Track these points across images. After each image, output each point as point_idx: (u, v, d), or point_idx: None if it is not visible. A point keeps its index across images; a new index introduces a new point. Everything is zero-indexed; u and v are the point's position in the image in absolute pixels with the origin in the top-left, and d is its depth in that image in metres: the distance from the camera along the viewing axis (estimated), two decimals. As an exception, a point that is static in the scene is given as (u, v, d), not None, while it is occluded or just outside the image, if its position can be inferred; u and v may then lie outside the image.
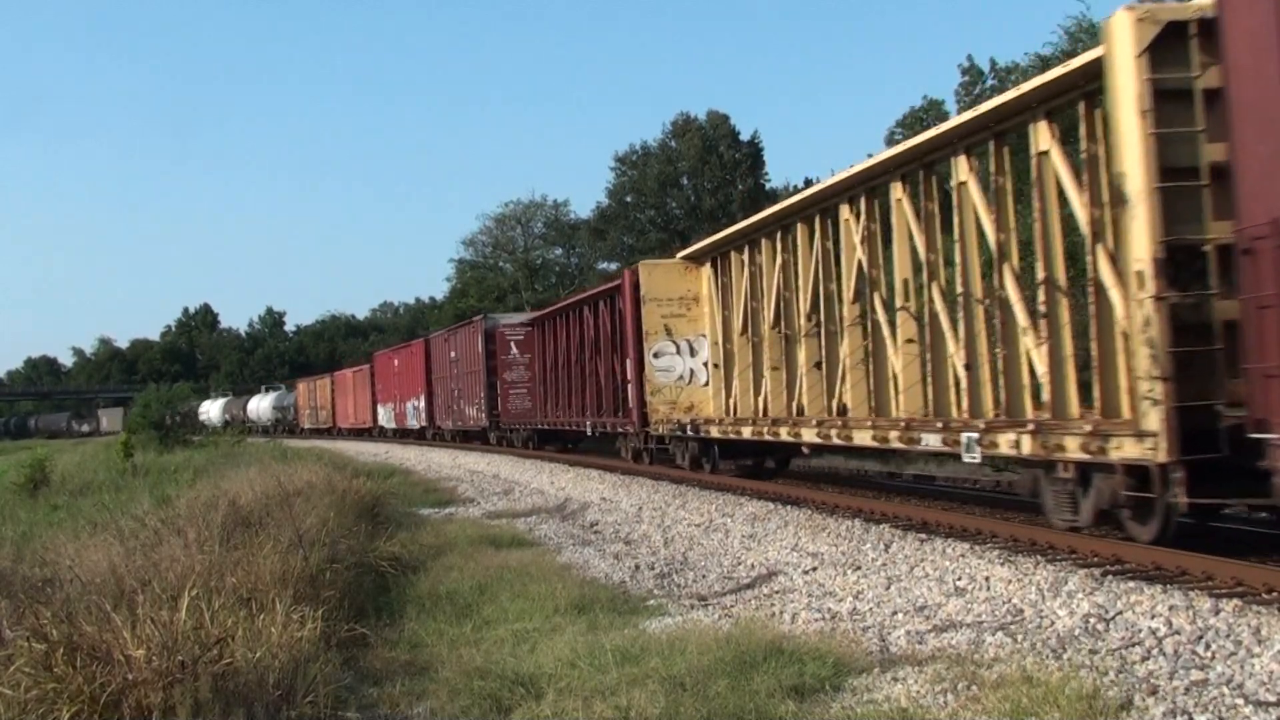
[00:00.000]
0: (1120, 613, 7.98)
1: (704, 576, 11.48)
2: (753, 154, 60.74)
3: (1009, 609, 8.58)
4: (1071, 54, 10.85)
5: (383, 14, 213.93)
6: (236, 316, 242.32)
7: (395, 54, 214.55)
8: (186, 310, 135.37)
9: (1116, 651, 7.15)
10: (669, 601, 10.09)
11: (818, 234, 16.25)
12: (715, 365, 20.47)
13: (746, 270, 18.74)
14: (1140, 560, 9.43)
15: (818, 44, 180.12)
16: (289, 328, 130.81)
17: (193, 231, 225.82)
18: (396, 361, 50.97)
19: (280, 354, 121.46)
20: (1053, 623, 8.07)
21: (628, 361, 22.56)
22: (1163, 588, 8.41)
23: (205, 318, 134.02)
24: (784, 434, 16.54)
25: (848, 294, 15.42)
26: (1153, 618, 7.73)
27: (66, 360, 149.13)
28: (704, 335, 21.02)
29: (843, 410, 15.55)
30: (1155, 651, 7.06)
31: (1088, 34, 25.72)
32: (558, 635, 8.50)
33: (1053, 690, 6.25)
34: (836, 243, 15.75)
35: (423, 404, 45.39)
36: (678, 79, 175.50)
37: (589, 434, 26.43)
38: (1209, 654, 6.89)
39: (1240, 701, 6.02)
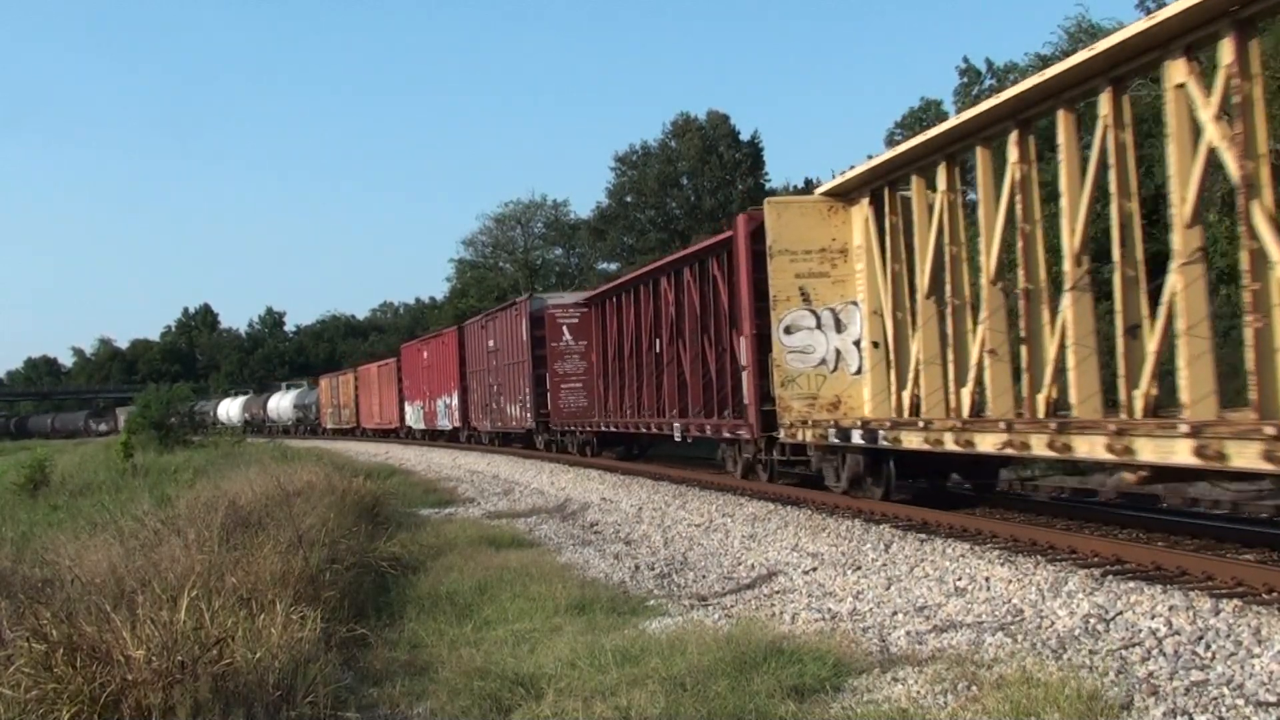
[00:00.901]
0: (1120, 613, 7.98)
1: (704, 577, 11.48)
2: (753, 154, 60.68)
3: (1009, 609, 8.58)
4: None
5: (382, 14, 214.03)
6: (236, 316, 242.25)
7: (395, 54, 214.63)
8: (186, 310, 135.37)
9: (1117, 652, 7.15)
10: (669, 602, 10.09)
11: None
12: (875, 344, 14.95)
13: (941, 201, 12.95)
14: (1140, 560, 9.43)
15: (817, 44, 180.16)
16: (289, 328, 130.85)
17: (193, 231, 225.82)
18: (425, 354, 45.46)
19: (280, 354, 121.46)
20: (1053, 623, 8.07)
21: (741, 342, 16.82)
22: (1163, 588, 8.41)
23: (205, 318, 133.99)
24: (1040, 446, 10.29)
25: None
26: (1153, 618, 7.73)
27: (66, 360, 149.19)
28: (856, 302, 15.38)
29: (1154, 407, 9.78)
30: (1155, 652, 7.06)
31: (1087, 34, 25.74)
32: (558, 635, 8.50)
33: (1053, 691, 6.25)
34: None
35: (455, 402, 40.22)
36: (678, 79, 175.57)
37: (678, 439, 20.69)
38: (1209, 654, 6.89)
39: (1240, 702, 6.02)
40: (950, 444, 11.85)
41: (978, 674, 6.85)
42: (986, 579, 9.46)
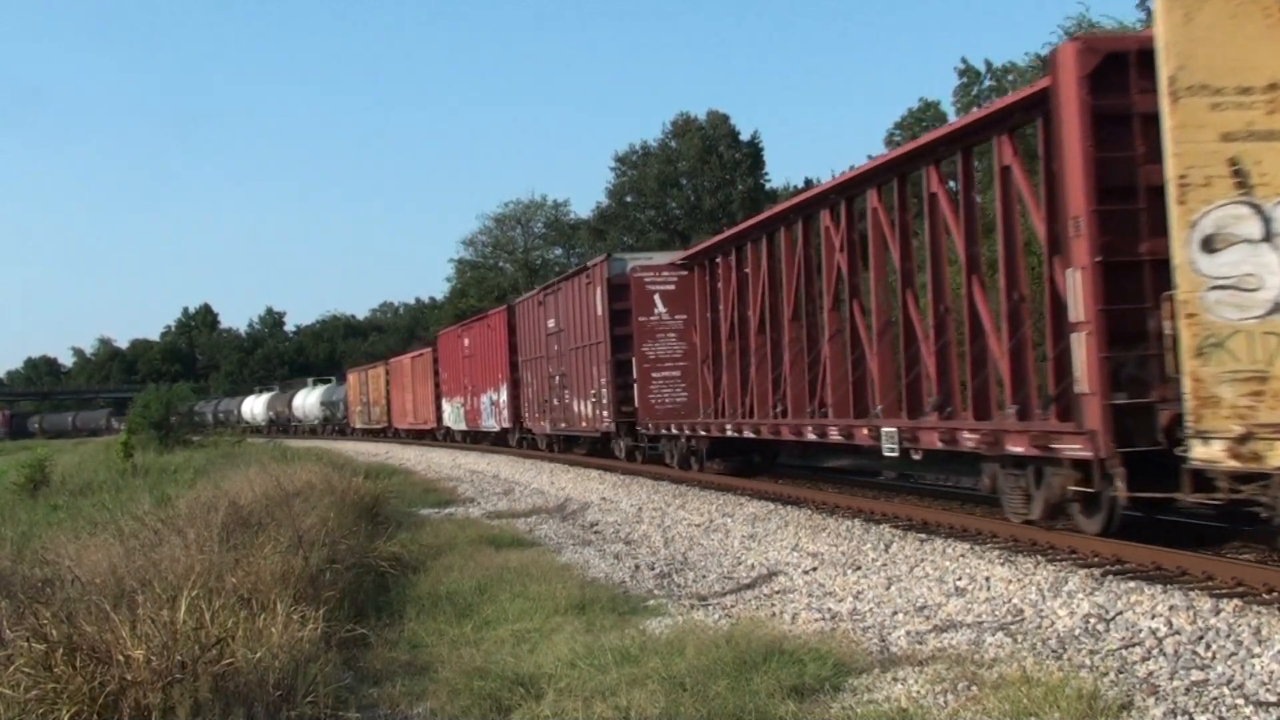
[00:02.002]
0: (1120, 613, 7.98)
1: (704, 576, 11.48)
2: (753, 154, 60.69)
3: (1009, 609, 8.58)
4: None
5: (382, 14, 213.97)
6: (236, 316, 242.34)
7: (395, 54, 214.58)
8: (186, 310, 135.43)
9: (1117, 652, 7.15)
10: (669, 601, 10.09)
11: None
12: None
13: None
14: (1140, 560, 9.43)
15: (817, 44, 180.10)
16: (289, 328, 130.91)
17: (193, 231, 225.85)
18: (466, 341, 38.45)
19: (280, 354, 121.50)
20: (1053, 623, 8.07)
21: (1069, 278, 9.89)
22: (1163, 588, 8.41)
23: (205, 318, 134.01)
24: None
25: None
26: (1153, 618, 7.73)
27: (66, 360, 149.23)
28: None
29: None
30: (1155, 652, 7.06)
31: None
32: (558, 635, 8.49)
33: (1053, 690, 6.25)
34: None
35: (503, 398, 33.23)
36: (678, 79, 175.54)
37: (891, 452, 13.39)
38: (1209, 654, 6.89)
39: (1241, 702, 6.02)
40: None
41: (978, 674, 6.85)
42: (987, 579, 9.47)
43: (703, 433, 19.70)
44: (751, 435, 17.64)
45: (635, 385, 21.81)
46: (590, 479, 22.70)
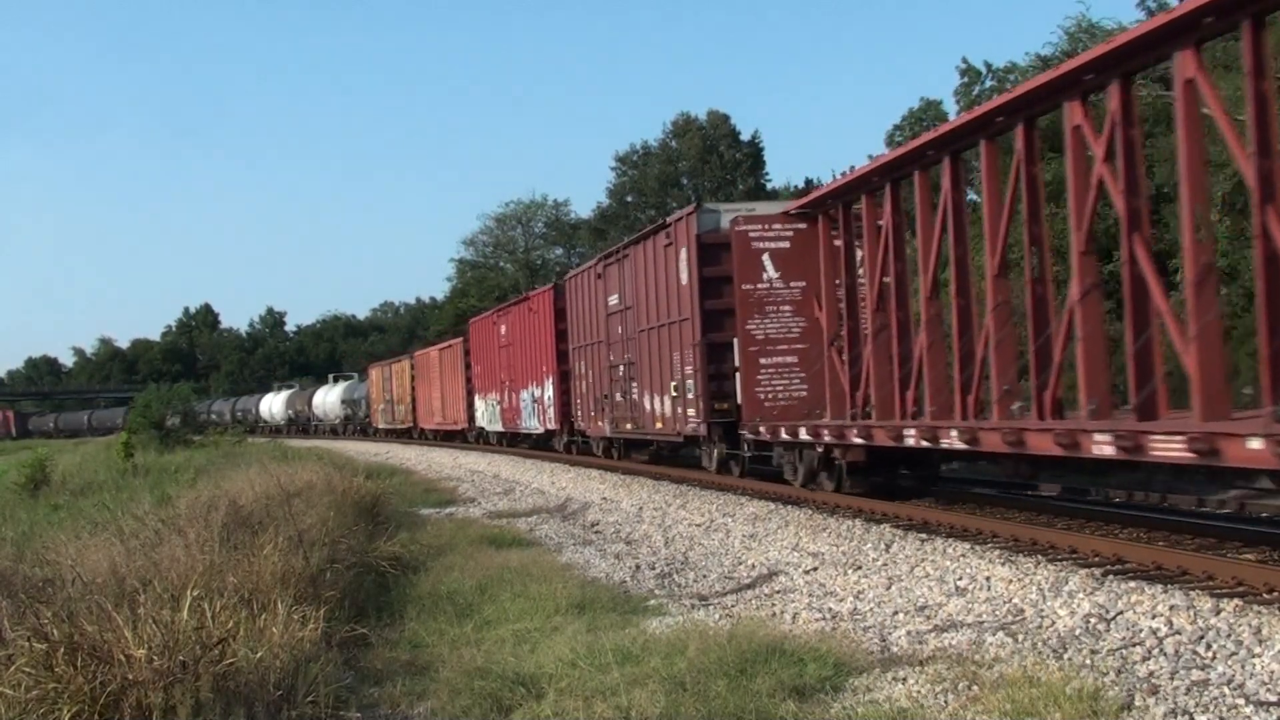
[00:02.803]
0: (1121, 612, 7.98)
1: (705, 576, 11.48)
2: (753, 154, 60.77)
3: (1010, 609, 8.58)
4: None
5: (383, 14, 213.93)
6: (237, 316, 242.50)
7: (395, 54, 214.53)
8: (187, 310, 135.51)
9: (1117, 651, 7.15)
10: (670, 601, 10.09)
11: None
12: None
13: None
14: (1141, 560, 9.43)
15: (818, 44, 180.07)
16: (289, 328, 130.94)
17: (193, 231, 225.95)
18: (504, 328, 33.19)
19: (280, 354, 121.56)
20: (1054, 622, 8.07)
21: None
22: (1163, 587, 8.41)
23: (206, 318, 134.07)
24: None
25: None
26: (1153, 617, 7.73)
27: (67, 360, 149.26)
28: None
29: None
30: (1156, 651, 7.06)
31: (1088, 34, 25.70)
32: (558, 635, 8.49)
33: (1054, 690, 6.25)
34: None
35: (549, 393, 28.24)
36: (678, 79, 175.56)
37: None
38: (1210, 654, 6.89)
39: (1241, 702, 6.02)
40: None
41: (978, 673, 6.85)
42: (987, 578, 9.47)
43: (857, 440, 13.89)
44: (926, 443, 12.34)
45: (737, 375, 17.00)
46: (591, 479, 22.70)
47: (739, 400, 17.00)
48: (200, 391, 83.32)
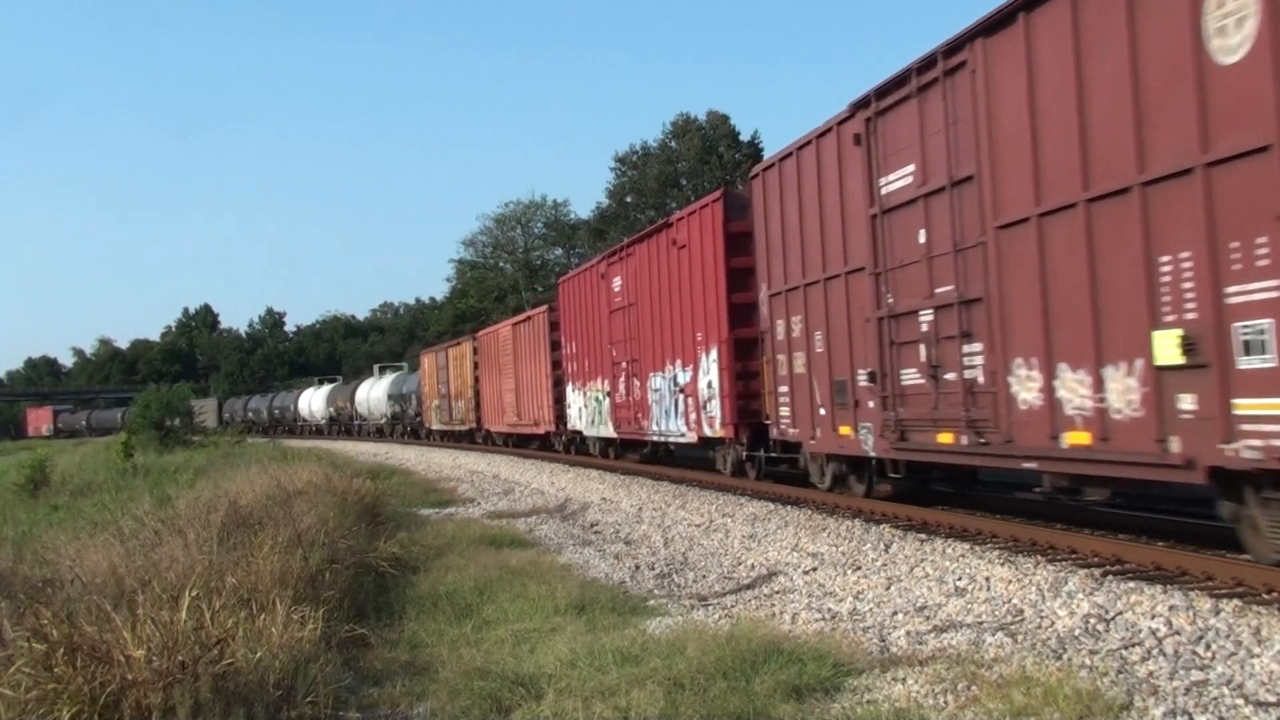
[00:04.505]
0: (1120, 613, 7.98)
1: (704, 577, 11.48)
2: (753, 154, 60.71)
3: (1009, 609, 8.58)
4: None
5: (383, 14, 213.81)
6: (236, 317, 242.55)
7: (395, 54, 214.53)
8: (186, 311, 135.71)
9: (1117, 652, 7.15)
10: (669, 602, 10.09)
11: None
12: None
13: None
14: (1140, 560, 9.43)
15: (818, 44, 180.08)
16: (289, 328, 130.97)
17: (193, 231, 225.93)
18: (618, 281, 22.80)
19: (280, 354, 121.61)
20: (1053, 623, 8.07)
21: None
22: (1163, 588, 8.41)
23: (205, 318, 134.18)
24: None
25: None
26: (1153, 618, 7.73)
27: (66, 360, 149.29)
28: None
29: None
30: (1155, 652, 7.06)
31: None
32: (558, 635, 8.50)
33: (1053, 690, 6.25)
34: None
35: (710, 377, 18.01)
36: (678, 79, 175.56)
37: None
38: (1209, 654, 6.89)
39: (1240, 702, 6.02)
40: None
41: (978, 674, 6.85)
42: (987, 579, 9.46)
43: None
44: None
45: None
46: (590, 479, 22.69)
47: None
48: (200, 392, 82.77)
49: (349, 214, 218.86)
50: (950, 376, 11.38)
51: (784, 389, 15.63)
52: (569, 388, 27.40)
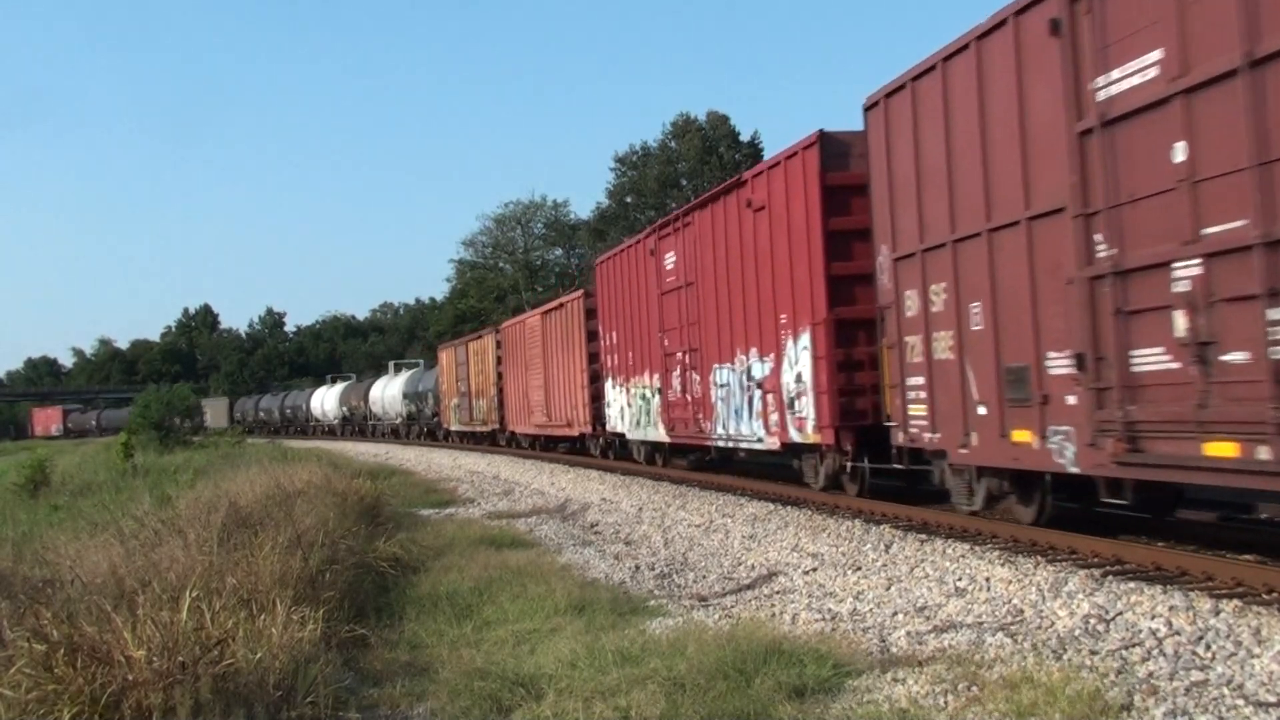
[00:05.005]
0: (1120, 613, 7.98)
1: (704, 577, 11.48)
2: (753, 154, 60.72)
3: (1009, 609, 8.58)
4: None
5: (382, 14, 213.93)
6: (236, 317, 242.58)
7: (395, 54, 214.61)
8: (186, 311, 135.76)
9: (1117, 652, 7.15)
10: (669, 602, 10.09)
11: None
12: None
13: None
14: (1140, 561, 9.43)
15: (818, 44, 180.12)
16: (289, 328, 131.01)
17: (193, 231, 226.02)
18: (671, 257, 19.43)
19: (280, 354, 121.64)
20: (1053, 623, 8.07)
21: None
22: (1163, 588, 8.41)
23: (205, 318, 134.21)
24: None
25: None
26: (1153, 618, 7.73)
27: (66, 360, 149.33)
28: None
29: None
30: (1155, 652, 7.06)
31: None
32: (558, 636, 8.50)
33: (1053, 691, 6.25)
34: None
35: (800, 369, 14.50)
36: (678, 79, 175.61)
37: None
38: (1209, 654, 6.89)
39: (1241, 702, 6.02)
40: None
41: (978, 674, 6.85)
42: (987, 579, 9.46)
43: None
44: None
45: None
46: (590, 479, 22.68)
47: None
48: (200, 392, 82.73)
49: (349, 214, 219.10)
50: (1235, 358, 7.77)
51: (916, 380, 12.09)
52: (608, 384, 24.21)
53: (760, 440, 16.19)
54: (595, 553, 13.52)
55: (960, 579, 9.65)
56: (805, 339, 14.47)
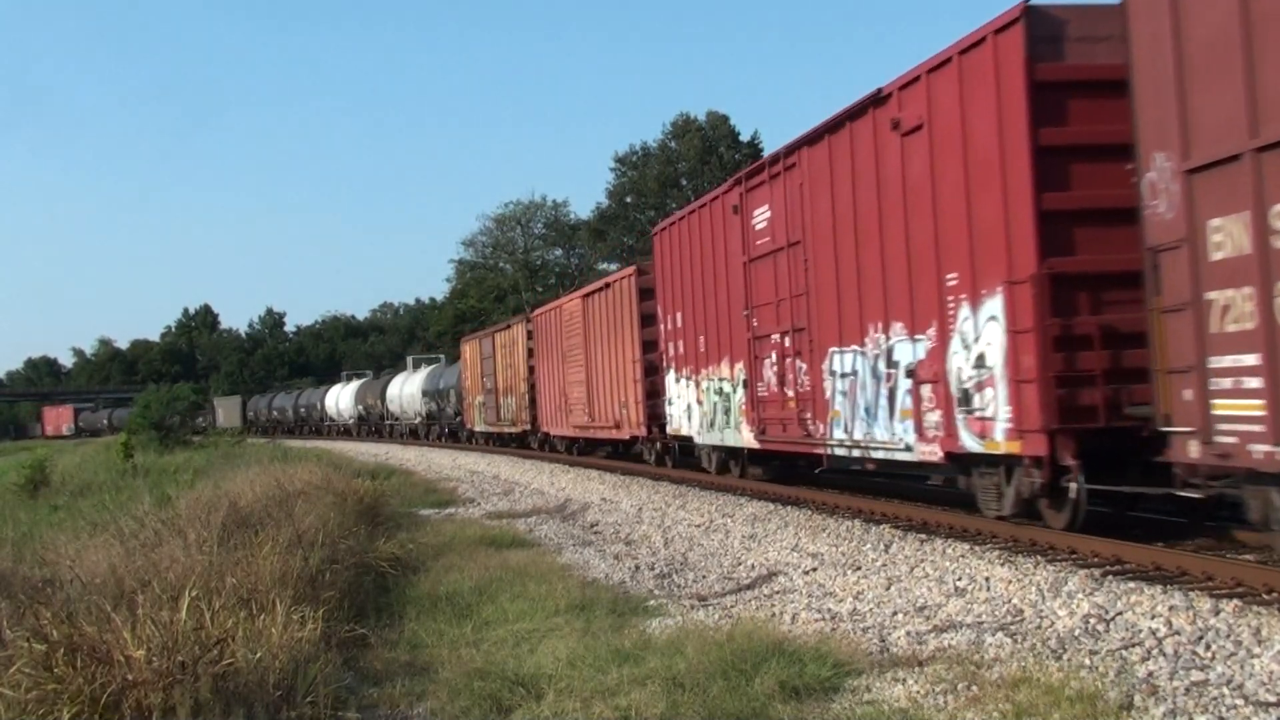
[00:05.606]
0: (1120, 613, 7.98)
1: (704, 577, 11.48)
2: (753, 154, 60.67)
3: (1009, 609, 8.58)
4: None
5: (382, 14, 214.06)
6: (237, 317, 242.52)
7: (395, 54, 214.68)
8: (187, 311, 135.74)
9: (1117, 652, 7.15)
10: (669, 602, 10.09)
11: None
12: None
13: None
14: (1140, 560, 9.43)
15: (818, 43, 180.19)
16: (289, 328, 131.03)
17: (193, 231, 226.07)
18: (765, 210, 15.50)
19: (280, 354, 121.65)
20: (1053, 623, 8.07)
21: None
22: (1163, 588, 8.41)
23: (205, 318, 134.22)
24: None
25: None
26: (1153, 618, 7.73)
27: (66, 360, 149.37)
28: None
29: None
30: (1155, 652, 7.06)
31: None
32: (558, 636, 8.50)
33: (1053, 691, 6.26)
34: None
35: (986, 350, 10.67)
36: (678, 79, 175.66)
37: None
38: (1209, 654, 6.89)
39: (1240, 702, 6.02)
40: None
41: (978, 674, 6.85)
42: (986, 579, 9.46)
43: None
44: None
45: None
46: (590, 479, 22.68)
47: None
48: (200, 392, 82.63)
49: (349, 214, 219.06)
50: None
51: (1231, 361, 7.91)
52: (669, 377, 20.25)
53: (908, 448, 12.31)
54: (595, 553, 13.52)
55: (960, 579, 9.65)
56: (993, 305, 10.64)
